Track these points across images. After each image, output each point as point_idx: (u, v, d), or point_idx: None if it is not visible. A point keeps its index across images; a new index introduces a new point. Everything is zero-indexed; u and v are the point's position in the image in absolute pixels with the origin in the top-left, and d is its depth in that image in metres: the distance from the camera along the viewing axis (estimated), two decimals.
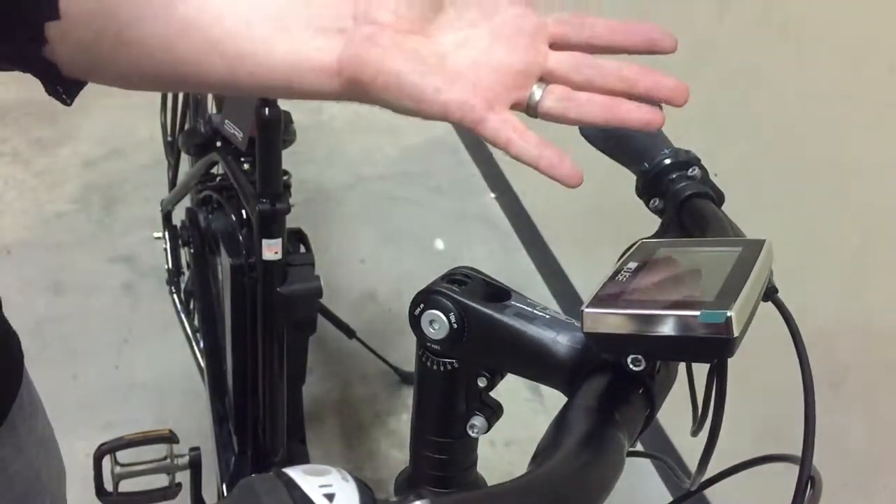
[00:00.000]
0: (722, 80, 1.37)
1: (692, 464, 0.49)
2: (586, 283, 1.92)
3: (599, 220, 1.85)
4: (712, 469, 0.46)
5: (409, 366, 1.84)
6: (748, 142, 1.32)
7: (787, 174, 1.26)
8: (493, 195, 2.40)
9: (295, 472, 0.25)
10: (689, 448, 1.50)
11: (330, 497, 0.24)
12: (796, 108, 1.21)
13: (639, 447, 0.47)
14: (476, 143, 2.48)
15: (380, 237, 2.28)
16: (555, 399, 0.45)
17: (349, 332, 1.79)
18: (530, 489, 0.32)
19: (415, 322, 0.45)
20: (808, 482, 0.41)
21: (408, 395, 1.83)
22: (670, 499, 0.55)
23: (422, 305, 0.44)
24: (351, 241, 2.26)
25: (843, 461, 1.20)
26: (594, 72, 0.45)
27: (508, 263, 2.18)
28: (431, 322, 0.44)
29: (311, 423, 1.63)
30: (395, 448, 1.71)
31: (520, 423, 1.71)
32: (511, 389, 0.48)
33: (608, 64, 0.45)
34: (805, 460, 0.40)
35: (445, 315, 0.44)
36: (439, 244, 2.27)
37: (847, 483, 1.20)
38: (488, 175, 2.43)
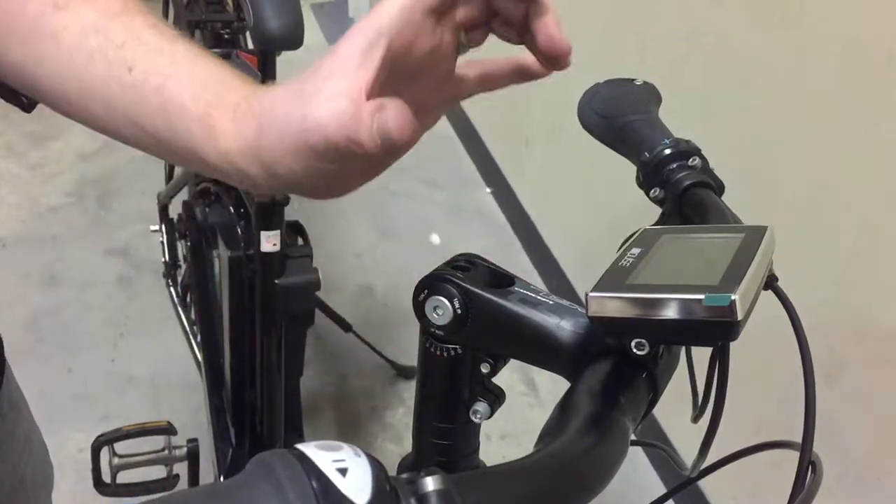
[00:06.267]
0: (719, 69, 1.37)
1: (686, 456, 0.49)
2: (583, 278, 1.93)
3: (596, 215, 1.85)
4: (709, 460, 0.46)
5: (406, 359, 1.84)
6: (745, 131, 1.33)
7: (784, 165, 1.26)
8: (488, 189, 2.41)
9: (308, 448, 0.25)
10: (686, 440, 1.50)
11: (343, 472, 0.24)
12: (794, 98, 1.22)
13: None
14: (472, 137, 2.48)
15: (376, 232, 2.28)
16: (550, 394, 0.45)
17: (346, 327, 1.80)
18: (536, 468, 0.33)
19: (419, 308, 0.45)
20: (808, 467, 0.41)
21: (404, 389, 1.83)
22: (663, 490, 0.55)
23: (426, 291, 0.45)
24: (347, 236, 2.26)
25: (839, 455, 1.21)
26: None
27: (504, 258, 2.19)
28: (435, 308, 0.45)
29: (309, 416, 1.63)
30: (390, 441, 1.71)
31: (515, 417, 1.72)
32: (507, 384, 0.48)
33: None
34: (806, 445, 0.41)
35: (449, 301, 0.44)
36: (435, 239, 2.27)
37: (841, 476, 1.21)
38: (484, 169, 2.43)
